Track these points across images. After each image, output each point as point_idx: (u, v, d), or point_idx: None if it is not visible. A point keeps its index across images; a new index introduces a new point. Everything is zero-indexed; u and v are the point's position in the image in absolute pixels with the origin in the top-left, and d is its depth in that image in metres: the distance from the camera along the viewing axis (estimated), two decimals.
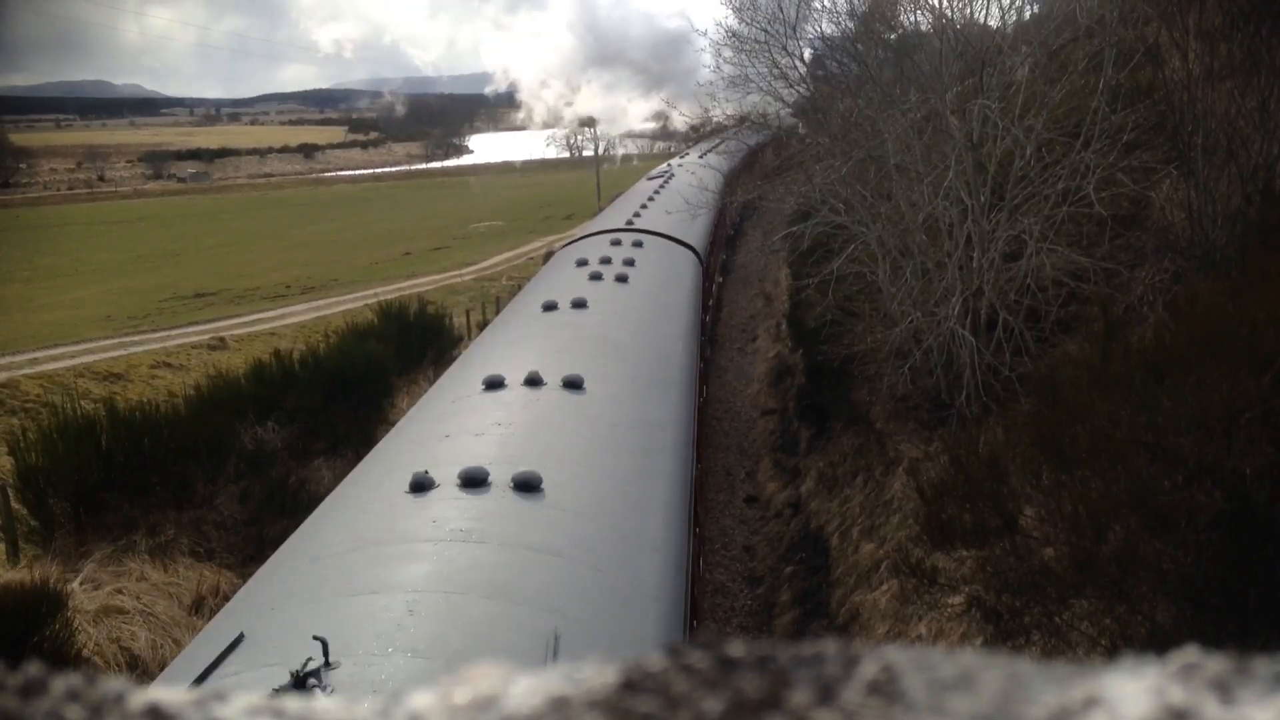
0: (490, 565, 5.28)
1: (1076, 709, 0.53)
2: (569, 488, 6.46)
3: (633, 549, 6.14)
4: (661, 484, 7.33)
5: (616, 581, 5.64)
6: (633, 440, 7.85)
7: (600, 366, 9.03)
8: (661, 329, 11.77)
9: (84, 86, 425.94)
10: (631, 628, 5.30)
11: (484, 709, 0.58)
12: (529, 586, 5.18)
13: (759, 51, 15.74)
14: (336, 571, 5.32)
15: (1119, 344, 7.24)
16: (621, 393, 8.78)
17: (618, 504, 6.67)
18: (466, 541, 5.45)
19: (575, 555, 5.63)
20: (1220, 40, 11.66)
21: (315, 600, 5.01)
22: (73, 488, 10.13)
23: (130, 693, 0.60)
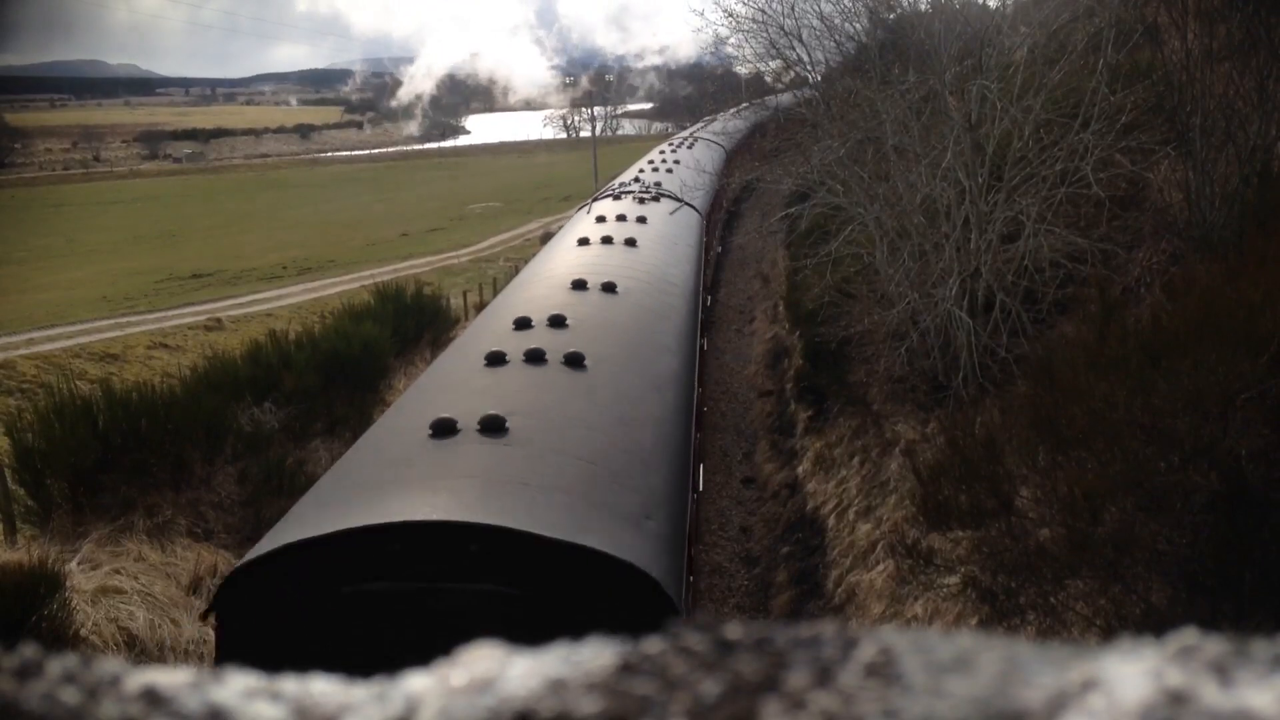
0: (522, 458, 6.25)
1: (1074, 691, 0.53)
2: (606, 362, 8.33)
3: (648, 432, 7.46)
4: (671, 390, 8.78)
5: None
6: (647, 338, 9.76)
7: (627, 281, 11.52)
8: (676, 251, 14.66)
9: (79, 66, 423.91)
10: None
11: (481, 691, 0.58)
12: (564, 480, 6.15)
13: (756, 31, 15.69)
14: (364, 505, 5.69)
15: (1116, 325, 7.25)
16: (644, 298, 11.19)
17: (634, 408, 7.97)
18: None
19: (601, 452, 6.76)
20: (1219, 20, 11.61)
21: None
22: (70, 468, 10.13)
23: (127, 674, 0.60)
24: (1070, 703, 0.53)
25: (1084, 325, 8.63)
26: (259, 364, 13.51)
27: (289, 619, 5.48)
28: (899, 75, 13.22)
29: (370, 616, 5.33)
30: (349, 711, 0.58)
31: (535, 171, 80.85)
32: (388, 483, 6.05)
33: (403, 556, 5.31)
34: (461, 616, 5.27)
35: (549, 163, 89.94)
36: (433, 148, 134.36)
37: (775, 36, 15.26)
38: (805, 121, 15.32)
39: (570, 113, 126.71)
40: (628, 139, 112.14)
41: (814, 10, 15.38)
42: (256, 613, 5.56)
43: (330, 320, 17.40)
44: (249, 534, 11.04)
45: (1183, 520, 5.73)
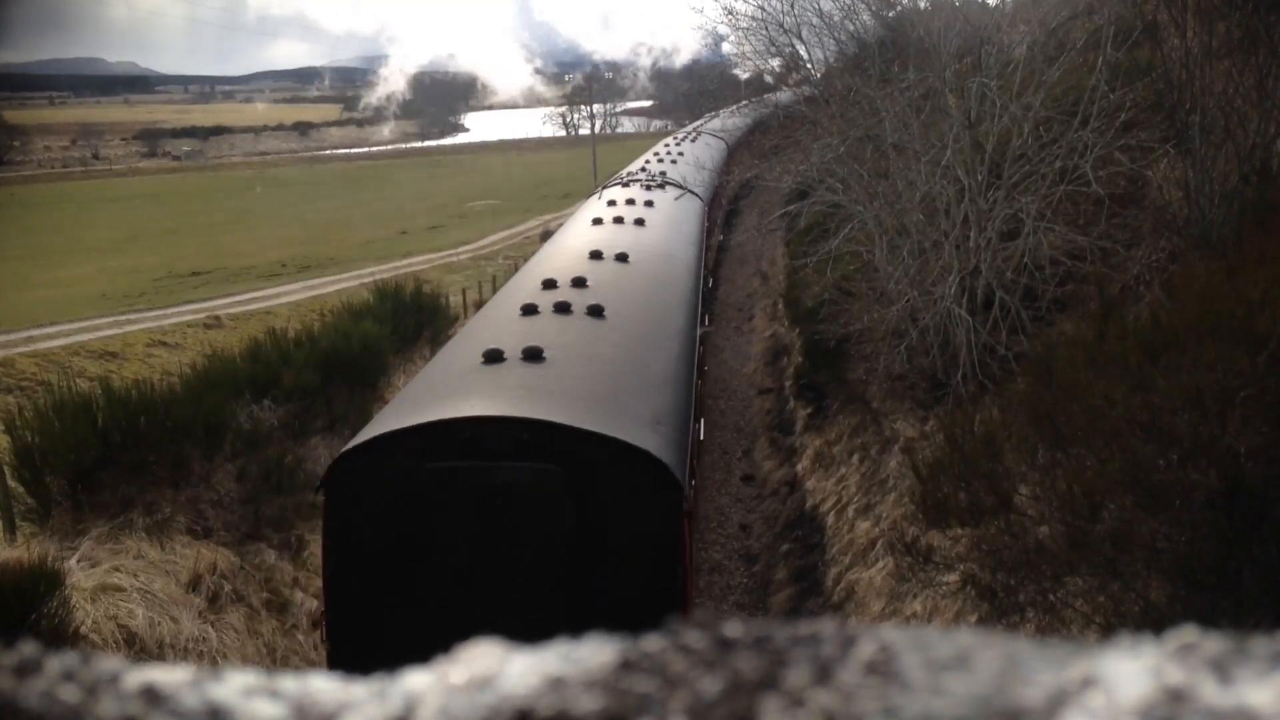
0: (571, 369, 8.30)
1: (1074, 689, 0.53)
2: (625, 314, 10.22)
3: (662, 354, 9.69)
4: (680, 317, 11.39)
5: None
6: (655, 298, 11.66)
7: (637, 253, 13.23)
8: (680, 230, 16.42)
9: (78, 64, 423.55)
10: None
11: (481, 689, 0.58)
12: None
13: (755, 29, 15.69)
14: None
15: (1115, 323, 7.25)
16: (652, 267, 13.00)
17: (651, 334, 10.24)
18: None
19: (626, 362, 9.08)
20: (1219, 18, 11.61)
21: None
22: (69, 466, 10.12)
23: (126, 672, 0.60)
24: (1070, 700, 0.53)
25: (1083, 323, 8.63)
26: (258, 362, 13.51)
27: (381, 492, 7.15)
28: (898, 73, 13.22)
29: (446, 487, 7.03)
30: (348, 709, 0.58)
31: (534, 169, 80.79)
32: (455, 391, 7.84)
33: (471, 442, 7.05)
34: (515, 487, 7.00)
35: (548, 160, 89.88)
36: (432, 145, 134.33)
37: (774, 34, 15.26)
38: (805, 119, 15.31)
39: (569, 111, 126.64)
40: (627, 136, 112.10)
41: (813, 8, 15.38)
42: (356, 488, 7.24)
43: (329, 318, 17.40)
44: (248, 531, 11.05)
45: (1182, 518, 5.74)
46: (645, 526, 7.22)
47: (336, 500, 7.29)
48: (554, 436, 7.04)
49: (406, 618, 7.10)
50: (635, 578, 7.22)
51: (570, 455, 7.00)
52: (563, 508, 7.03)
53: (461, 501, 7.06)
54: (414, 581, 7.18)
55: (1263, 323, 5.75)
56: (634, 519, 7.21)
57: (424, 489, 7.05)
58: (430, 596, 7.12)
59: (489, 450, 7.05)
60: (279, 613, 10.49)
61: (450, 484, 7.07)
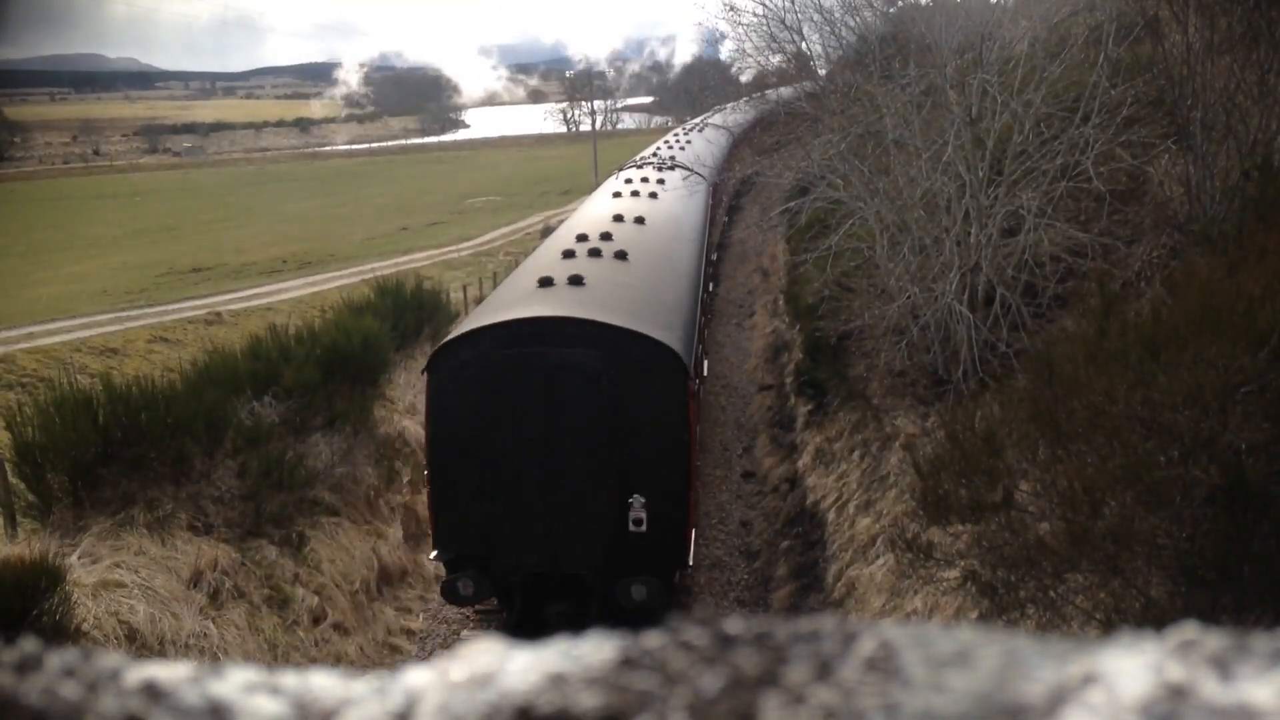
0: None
1: (1074, 686, 0.53)
2: (643, 253, 13.37)
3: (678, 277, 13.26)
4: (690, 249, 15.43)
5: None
6: (667, 250, 14.42)
7: (652, 217, 16.17)
8: (688, 204, 18.83)
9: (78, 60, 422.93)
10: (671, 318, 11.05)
11: (481, 686, 0.58)
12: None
13: (757, 26, 15.67)
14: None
15: (1116, 319, 7.24)
16: (664, 229, 15.76)
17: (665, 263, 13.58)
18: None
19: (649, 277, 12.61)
20: (1220, 14, 11.60)
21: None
22: (70, 462, 10.13)
23: (127, 669, 0.60)
24: (1070, 697, 0.53)
25: (1084, 319, 8.63)
26: (259, 358, 13.51)
27: (469, 372, 9.89)
28: (900, 69, 13.20)
29: (516, 367, 9.75)
30: (349, 705, 0.58)
31: (535, 165, 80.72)
32: (519, 303, 10.64)
33: (534, 334, 9.82)
34: (567, 366, 9.73)
35: (549, 157, 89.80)
36: (432, 141, 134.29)
37: (776, 30, 15.25)
38: (806, 116, 15.30)
39: (570, 107, 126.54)
40: (627, 133, 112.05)
41: (814, 4, 15.37)
42: (450, 370, 10.02)
43: (330, 314, 17.40)
44: (249, 528, 11.06)
45: (1182, 514, 5.74)
46: (661, 396, 9.93)
47: (435, 379, 10.11)
48: (595, 331, 9.88)
49: (487, 463, 9.94)
50: (654, 432, 9.91)
51: (607, 344, 9.82)
52: (601, 381, 9.81)
53: (528, 377, 9.79)
54: (493, 435, 9.89)
55: (1264, 319, 5.75)
56: (653, 391, 9.91)
57: (500, 368, 9.79)
58: (505, 447, 9.87)
59: (547, 340, 9.84)
60: (280, 609, 10.51)
61: (520, 364, 9.79)
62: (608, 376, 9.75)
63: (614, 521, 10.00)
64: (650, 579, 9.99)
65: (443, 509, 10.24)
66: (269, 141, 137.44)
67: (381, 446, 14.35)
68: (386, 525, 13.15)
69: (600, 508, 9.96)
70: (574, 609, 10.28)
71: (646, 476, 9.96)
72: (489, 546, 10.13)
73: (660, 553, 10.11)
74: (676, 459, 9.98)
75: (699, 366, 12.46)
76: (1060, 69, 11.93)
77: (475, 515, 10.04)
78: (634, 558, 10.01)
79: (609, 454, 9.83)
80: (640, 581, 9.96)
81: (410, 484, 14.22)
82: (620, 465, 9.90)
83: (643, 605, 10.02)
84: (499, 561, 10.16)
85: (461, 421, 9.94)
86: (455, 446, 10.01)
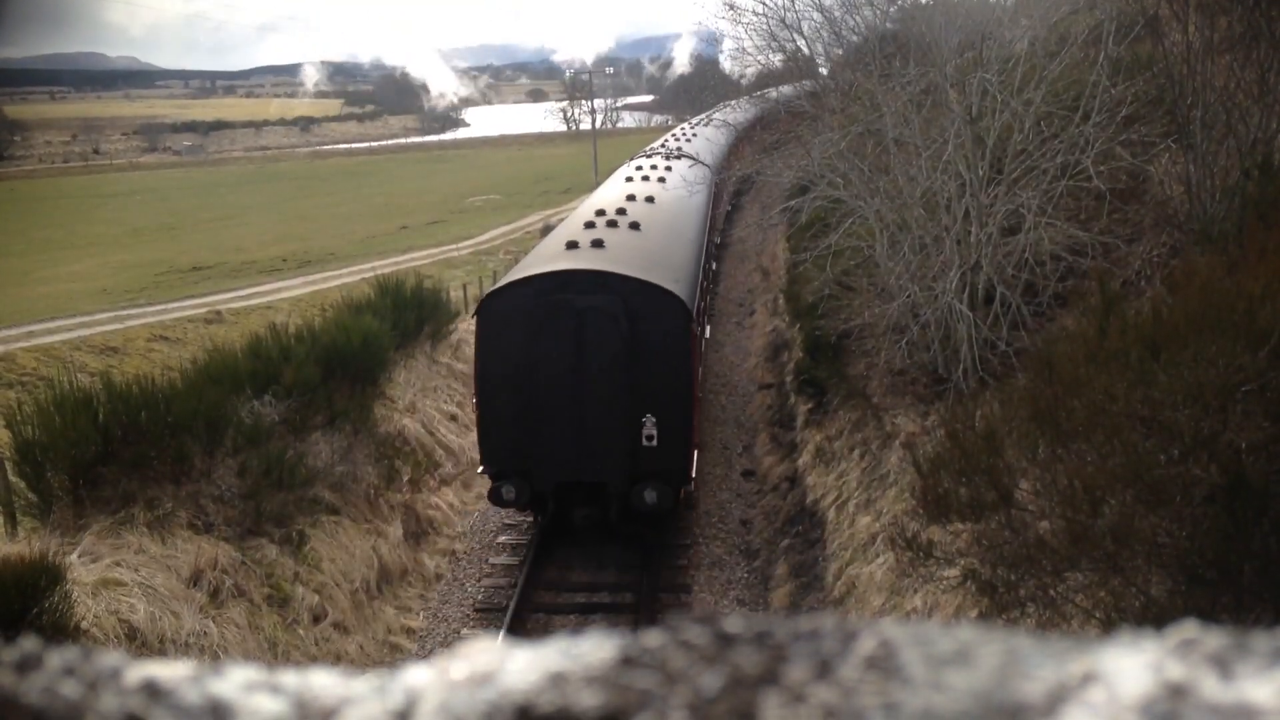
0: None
1: (1074, 684, 0.53)
2: (655, 222, 16.14)
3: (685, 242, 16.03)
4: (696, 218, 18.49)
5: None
6: (675, 224, 16.99)
7: (661, 196, 18.76)
8: (693, 187, 20.21)
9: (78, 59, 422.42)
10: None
11: (481, 685, 0.58)
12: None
13: (757, 24, 15.66)
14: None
15: (1116, 318, 7.24)
16: (671, 206, 18.18)
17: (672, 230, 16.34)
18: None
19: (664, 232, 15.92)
20: (1220, 12, 11.59)
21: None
22: (70, 461, 10.12)
23: (127, 667, 0.60)
24: (1070, 696, 0.53)
25: (1084, 318, 8.63)
26: (259, 357, 13.50)
27: (510, 315, 12.15)
28: (900, 68, 13.20)
29: (551, 311, 12.00)
30: (349, 704, 0.58)
31: (535, 164, 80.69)
32: (552, 260, 13.11)
33: (564, 284, 12.12)
34: (592, 310, 11.96)
35: (549, 155, 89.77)
36: (433, 140, 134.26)
37: (776, 29, 15.24)
38: (806, 114, 15.30)
39: (570, 106, 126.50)
40: (628, 131, 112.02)
41: (814, 3, 15.35)
42: (496, 314, 12.30)
43: (330, 313, 17.39)
44: (249, 526, 11.06)
45: (1182, 513, 5.74)
46: (668, 335, 12.21)
47: (483, 323, 12.47)
48: (615, 281, 12.27)
49: (526, 391, 12.19)
50: (663, 365, 12.17)
51: (625, 292, 12.17)
52: (620, 322, 12.09)
53: (559, 319, 12.08)
54: (530, 368, 12.13)
55: (1264, 318, 5.75)
56: (662, 330, 12.18)
57: (537, 313, 12.08)
58: (540, 378, 12.12)
59: (575, 289, 12.15)
60: (280, 608, 10.51)
61: (552, 309, 12.09)
62: (625, 318, 12.10)
63: (630, 438, 12.28)
64: (660, 485, 12.25)
65: (489, 430, 12.63)
66: (269, 140, 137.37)
67: (381, 445, 14.35)
68: (387, 524, 13.15)
69: (619, 426, 12.22)
70: (597, 513, 12.58)
71: (656, 401, 12.22)
72: (527, 460, 12.40)
73: (668, 464, 12.42)
74: (681, 387, 12.38)
75: (702, 322, 15.83)
76: (1060, 68, 11.93)
77: (515, 435, 12.35)
78: (646, 468, 12.36)
79: (626, 382, 12.14)
80: (652, 487, 12.21)
81: (410, 483, 14.23)
82: (635, 391, 12.17)
83: (653, 509, 12.32)
84: (535, 472, 12.44)
85: (504, 357, 12.28)
86: (499, 378, 12.36)
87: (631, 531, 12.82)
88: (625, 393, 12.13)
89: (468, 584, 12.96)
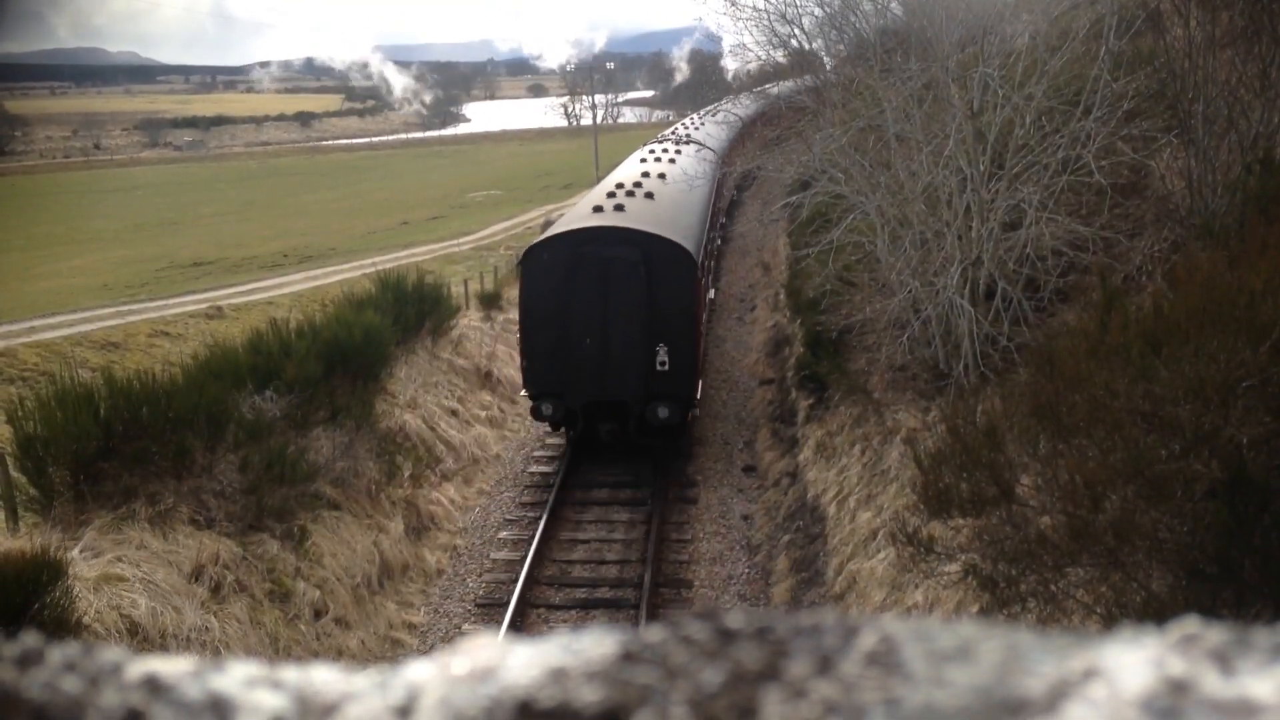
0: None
1: (1075, 680, 0.53)
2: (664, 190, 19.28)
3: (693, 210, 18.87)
4: (703, 188, 20.44)
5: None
6: (683, 195, 19.03)
7: (672, 173, 21.27)
8: (700, 168, 21.86)
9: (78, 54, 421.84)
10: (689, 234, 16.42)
11: (482, 680, 0.58)
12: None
13: (758, 20, 15.62)
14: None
15: (1117, 313, 7.24)
16: (680, 182, 19.84)
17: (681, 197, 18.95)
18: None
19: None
20: (1222, 7, 11.57)
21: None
22: (71, 456, 10.12)
23: (128, 663, 0.60)
24: (1071, 691, 0.53)
25: (1085, 313, 8.63)
26: (260, 352, 13.50)
27: (548, 264, 14.83)
28: (901, 63, 13.18)
29: (581, 261, 14.68)
30: (350, 700, 0.58)
31: (536, 159, 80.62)
32: (581, 220, 16.07)
33: (592, 239, 14.91)
34: (616, 260, 14.60)
35: (550, 151, 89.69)
36: (433, 135, 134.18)
37: (777, 25, 15.21)
38: (807, 110, 15.29)
39: (571, 101, 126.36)
40: (628, 126, 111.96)
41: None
42: (536, 263, 15.02)
43: (331, 308, 17.38)
44: (251, 522, 11.06)
45: (1183, 508, 5.74)
46: (678, 280, 15.04)
47: (526, 270, 15.42)
48: (634, 235, 15.06)
49: (560, 326, 14.89)
50: (673, 304, 14.99)
51: (642, 245, 14.95)
52: (639, 269, 14.80)
53: (588, 267, 14.79)
54: (564, 307, 14.85)
55: (1265, 313, 5.75)
56: (672, 276, 15.00)
57: (570, 261, 14.85)
58: (572, 314, 14.85)
59: (602, 243, 14.95)
60: (281, 603, 10.52)
61: (583, 259, 14.83)
62: (643, 266, 14.84)
63: (646, 363, 14.99)
64: (671, 403, 15.00)
65: (530, 359, 15.37)
66: (270, 135, 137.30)
67: (383, 440, 14.36)
68: (388, 519, 13.15)
69: (637, 354, 14.92)
70: (618, 427, 15.26)
71: (668, 333, 14.98)
72: (562, 383, 15.10)
73: (678, 387, 15.19)
74: (688, 324, 15.22)
75: (707, 275, 19.56)
76: (1061, 62, 11.90)
77: (552, 362, 15.06)
78: (660, 389, 15.07)
79: (643, 317, 14.85)
80: (664, 405, 14.96)
81: (411, 478, 14.23)
82: (650, 325, 14.89)
83: (665, 423, 15.05)
84: (569, 393, 15.12)
85: (543, 298, 15.04)
86: (539, 316, 15.12)
87: (646, 444, 15.50)
88: (642, 327, 14.83)
89: (469, 579, 12.97)
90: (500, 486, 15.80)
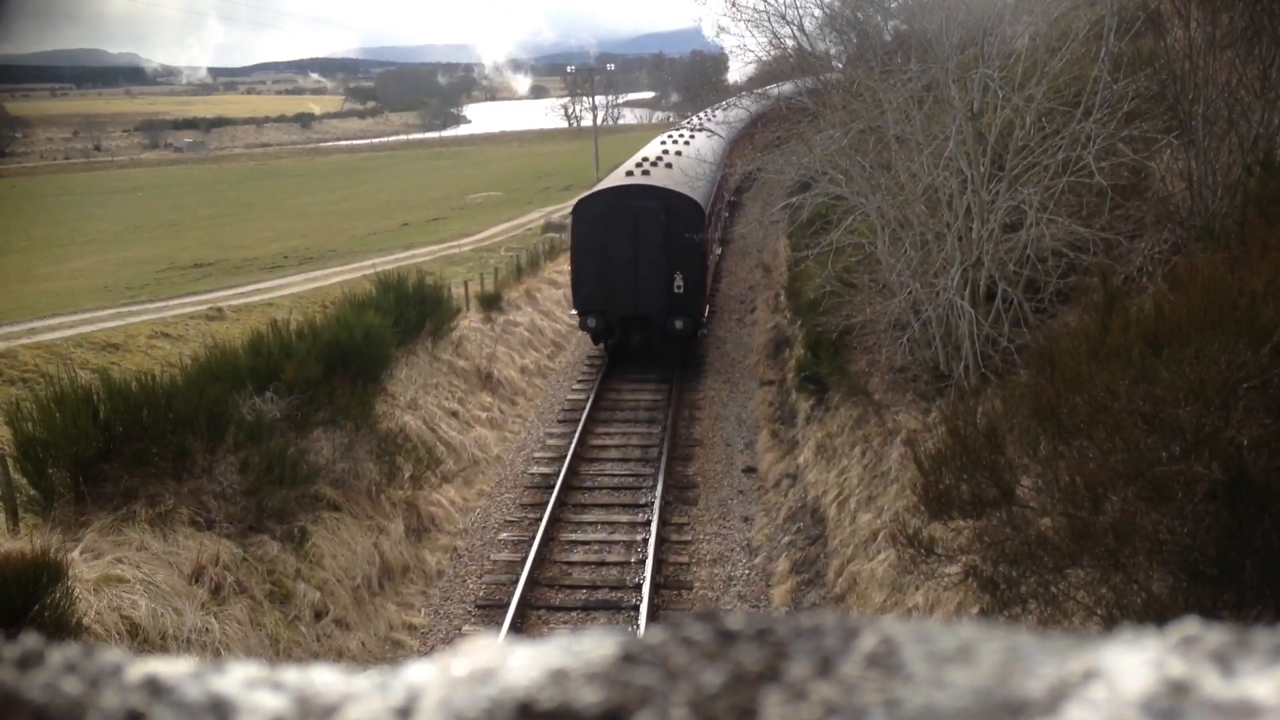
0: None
1: (1076, 681, 0.53)
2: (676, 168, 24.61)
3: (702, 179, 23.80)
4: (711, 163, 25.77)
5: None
6: (696, 168, 23.28)
7: (686, 151, 26.98)
8: (712, 150, 27.89)
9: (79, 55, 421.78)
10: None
11: (482, 681, 0.58)
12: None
13: (759, 21, 15.61)
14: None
15: (1118, 315, 7.24)
16: (694, 157, 24.88)
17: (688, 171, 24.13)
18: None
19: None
20: (1222, 8, 11.58)
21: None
22: (71, 458, 10.11)
23: (129, 664, 0.60)
24: (1071, 693, 0.53)
25: (1086, 314, 8.62)
26: (260, 354, 13.49)
27: (593, 212, 20.92)
28: (901, 64, 13.17)
29: (618, 210, 20.62)
30: (350, 701, 0.58)
31: (536, 161, 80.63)
32: (616, 180, 22.73)
33: (627, 193, 21.00)
34: (645, 210, 20.44)
35: (550, 152, 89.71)
36: (434, 137, 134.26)
37: (777, 26, 15.21)
38: (807, 111, 15.29)
39: (571, 102, 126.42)
40: (629, 128, 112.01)
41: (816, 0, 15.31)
42: (585, 211, 21.15)
43: (332, 310, 17.38)
44: (251, 523, 11.06)
45: (1184, 510, 5.74)
46: (691, 225, 20.22)
47: (576, 216, 21.06)
48: (659, 191, 20.76)
49: (602, 259, 20.41)
50: (687, 242, 20.12)
51: (664, 198, 20.53)
52: (662, 216, 20.24)
53: (624, 215, 20.34)
54: (605, 244, 20.37)
55: (1266, 315, 5.75)
56: (687, 222, 20.25)
57: (610, 210, 20.49)
58: (611, 250, 20.35)
59: (634, 196, 20.56)
60: (282, 604, 10.52)
61: (619, 208, 20.40)
62: (665, 214, 20.23)
63: (667, 287, 20.32)
64: (686, 318, 20.49)
65: (579, 285, 20.81)
66: (270, 137, 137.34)
67: (383, 442, 14.35)
68: (388, 520, 13.15)
69: (659, 280, 20.27)
70: (646, 338, 20.73)
71: (683, 264, 20.36)
72: (603, 302, 20.53)
73: (691, 305, 20.63)
74: (698, 258, 20.68)
75: (715, 224, 25.48)
76: (1061, 63, 11.90)
77: (595, 286, 20.46)
78: (677, 307, 20.43)
79: (664, 252, 20.23)
80: (680, 319, 20.40)
81: (412, 479, 14.23)
82: (670, 258, 20.24)
83: (681, 332, 20.50)
84: (607, 310, 20.57)
85: (588, 238, 20.60)
86: (585, 251, 20.69)
87: (665, 350, 20.83)
88: (663, 259, 20.18)
89: (469, 580, 12.97)
90: (500, 488, 15.80)
